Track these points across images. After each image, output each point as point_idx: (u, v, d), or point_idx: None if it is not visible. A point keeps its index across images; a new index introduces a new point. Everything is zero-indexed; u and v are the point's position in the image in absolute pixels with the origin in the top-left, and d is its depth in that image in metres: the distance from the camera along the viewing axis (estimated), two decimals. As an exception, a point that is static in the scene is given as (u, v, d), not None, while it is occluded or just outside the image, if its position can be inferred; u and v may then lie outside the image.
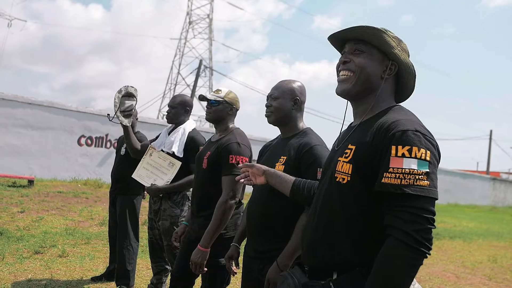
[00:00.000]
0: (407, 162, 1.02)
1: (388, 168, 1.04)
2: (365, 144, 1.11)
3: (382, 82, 1.20)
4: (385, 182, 1.03)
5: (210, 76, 31.44)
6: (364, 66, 1.19)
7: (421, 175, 1.01)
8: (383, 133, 1.08)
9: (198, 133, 2.84)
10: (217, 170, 2.13)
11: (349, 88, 1.21)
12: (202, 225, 2.12)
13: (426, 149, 1.04)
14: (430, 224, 1.00)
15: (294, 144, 1.69)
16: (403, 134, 1.05)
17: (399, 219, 1.00)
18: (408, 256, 0.98)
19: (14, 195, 6.68)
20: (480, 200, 20.21)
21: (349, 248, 1.10)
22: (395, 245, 0.99)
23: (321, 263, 1.16)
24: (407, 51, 1.24)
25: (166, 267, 2.95)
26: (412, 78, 1.23)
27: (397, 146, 1.04)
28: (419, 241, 0.97)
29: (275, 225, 1.64)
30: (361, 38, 1.21)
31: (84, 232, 5.00)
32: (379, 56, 1.20)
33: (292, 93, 1.76)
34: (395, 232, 1.00)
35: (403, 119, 1.09)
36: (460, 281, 4.78)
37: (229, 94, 2.26)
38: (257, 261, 1.68)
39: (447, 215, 12.46)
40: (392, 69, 1.20)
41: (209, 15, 33.47)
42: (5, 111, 8.62)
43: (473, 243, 7.63)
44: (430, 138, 1.08)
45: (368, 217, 1.09)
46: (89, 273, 3.58)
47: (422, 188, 1.01)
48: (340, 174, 1.13)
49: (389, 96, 1.23)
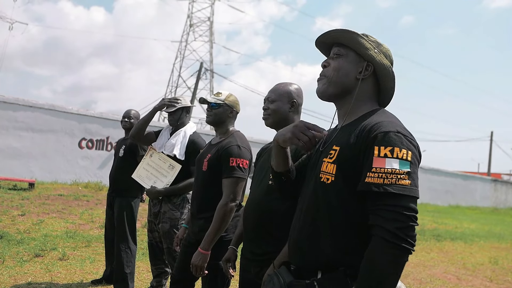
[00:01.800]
0: (389, 162, 1.06)
1: (371, 168, 1.07)
2: (349, 145, 1.14)
3: (358, 83, 1.23)
4: (368, 182, 1.06)
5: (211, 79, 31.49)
6: (338, 68, 1.25)
7: (402, 174, 1.04)
8: (366, 135, 1.11)
9: (199, 136, 2.85)
10: (217, 172, 2.13)
11: (323, 89, 1.27)
12: (202, 227, 2.12)
13: (407, 150, 1.07)
14: (412, 222, 1.02)
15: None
16: (385, 135, 1.08)
17: (381, 217, 1.03)
18: (392, 253, 1.00)
19: (15, 198, 6.69)
20: (481, 202, 20.16)
21: (333, 248, 1.12)
22: (379, 243, 1.01)
23: (306, 262, 1.18)
24: (387, 54, 1.27)
25: (166, 269, 2.95)
26: (389, 79, 1.25)
27: (380, 146, 1.07)
28: (401, 238, 1.00)
29: (272, 228, 1.64)
30: (338, 41, 1.26)
31: (85, 235, 5.00)
32: (355, 58, 1.24)
33: (289, 96, 1.77)
34: (378, 230, 1.02)
35: (385, 121, 1.13)
36: (461, 282, 4.77)
37: (230, 97, 2.27)
38: (254, 264, 1.68)
39: (449, 216, 12.43)
40: (368, 70, 1.24)
41: (210, 17, 33.55)
42: (6, 114, 8.64)
43: (474, 244, 7.62)
44: (411, 139, 1.11)
45: (351, 217, 1.12)
46: (89, 276, 3.58)
47: (404, 187, 1.04)
48: (325, 174, 1.17)
49: (369, 98, 1.26)
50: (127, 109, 3.58)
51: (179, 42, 33.33)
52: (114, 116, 9.87)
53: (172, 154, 2.74)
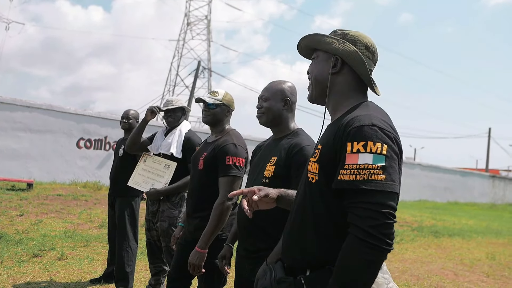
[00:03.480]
0: (362, 157, 1.02)
1: (344, 165, 1.04)
2: (329, 144, 1.13)
3: (329, 78, 1.23)
4: (341, 179, 1.04)
5: (209, 77, 31.48)
6: (312, 70, 1.28)
7: (376, 169, 1.01)
8: (342, 131, 1.09)
9: (195, 133, 2.87)
10: (213, 171, 2.14)
11: (310, 94, 1.30)
12: (198, 226, 2.13)
13: (382, 143, 1.03)
14: (388, 219, 0.99)
15: (285, 144, 1.71)
16: (358, 130, 1.05)
17: (356, 215, 1.00)
18: (365, 252, 0.97)
19: (13, 198, 6.69)
20: (479, 198, 20.22)
21: (319, 247, 1.12)
22: (352, 241, 0.99)
23: (295, 261, 1.18)
24: (354, 39, 1.22)
25: (164, 268, 2.97)
26: (360, 63, 1.19)
27: (353, 142, 1.04)
28: (376, 237, 0.97)
29: (264, 225, 1.66)
30: (309, 48, 1.30)
31: (83, 235, 5.01)
32: (325, 57, 1.25)
33: (283, 94, 1.78)
34: (353, 229, 1.00)
35: (362, 115, 1.09)
36: (459, 278, 4.80)
37: (226, 96, 2.27)
38: (247, 261, 1.70)
39: (447, 213, 12.47)
40: (337, 63, 1.22)
41: (207, 16, 33.50)
42: (4, 114, 8.63)
43: (472, 240, 7.65)
44: (388, 131, 1.06)
45: (334, 216, 1.10)
46: (88, 275, 3.60)
47: (377, 182, 1.00)
48: (311, 174, 1.16)
49: (351, 91, 1.22)
50: (126, 109, 3.58)
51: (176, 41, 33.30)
52: (112, 115, 9.86)
53: (169, 152, 2.75)
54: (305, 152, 1.65)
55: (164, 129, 2.96)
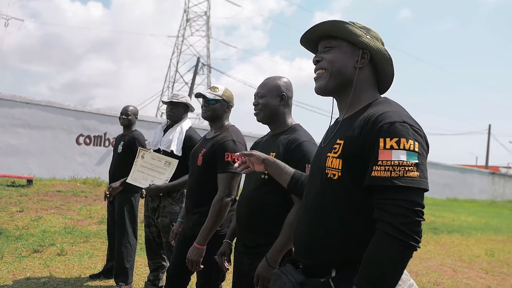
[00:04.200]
0: (396, 154, 1.01)
1: (377, 161, 1.03)
2: (353, 138, 1.10)
3: (356, 72, 1.19)
4: (375, 176, 1.02)
5: (208, 74, 31.43)
6: (335, 60, 1.20)
7: (410, 166, 1.00)
8: (370, 126, 1.07)
9: (196, 131, 2.86)
10: (212, 167, 2.14)
11: (324, 84, 1.22)
12: (197, 222, 2.13)
13: (414, 140, 1.03)
14: (418, 217, 0.99)
15: (282, 140, 1.71)
16: (390, 126, 1.04)
17: (387, 212, 0.99)
18: (396, 248, 0.97)
19: (13, 194, 6.70)
20: (479, 195, 20.24)
21: (345, 245, 1.09)
22: (383, 238, 0.99)
23: (317, 261, 1.14)
24: (378, 38, 1.23)
25: (163, 263, 2.98)
26: (387, 62, 1.20)
27: (385, 138, 1.03)
28: (407, 234, 0.97)
29: (264, 221, 1.66)
30: (328, 34, 1.21)
31: (83, 231, 5.02)
32: (349, 48, 1.20)
33: (278, 90, 1.78)
34: (383, 225, 0.99)
35: (390, 111, 1.08)
36: (457, 274, 4.81)
37: (226, 92, 2.27)
38: (247, 257, 1.71)
39: (446, 209, 12.49)
40: (365, 58, 1.19)
41: (206, 12, 33.39)
42: (3, 111, 8.61)
43: (471, 237, 7.67)
44: (418, 129, 1.07)
45: (361, 211, 1.08)
46: (87, 271, 3.60)
47: (412, 179, 1.00)
48: (331, 170, 1.12)
49: (370, 88, 1.22)
50: (125, 105, 3.57)
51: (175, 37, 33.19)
52: (111, 112, 9.85)
53: (169, 150, 2.75)
54: (303, 147, 1.65)
55: (163, 124, 2.95)
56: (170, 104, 2.85)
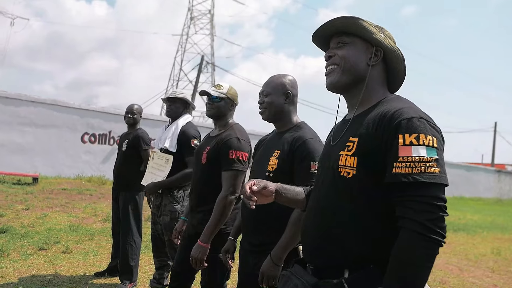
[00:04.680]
0: (416, 149, 1.00)
1: (398, 158, 1.01)
2: (369, 135, 1.08)
3: (369, 70, 1.18)
4: (396, 172, 1.00)
5: (212, 72, 31.44)
6: (348, 56, 1.18)
7: (431, 162, 0.99)
8: (387, 123, 1.05)
9: (192, 126, 2.85)
10: (216, 165, 2.13)
11: (336, 80, 1.20)
12: (201, 220, 2.13)
13: (432, 136, 1.02)
14: (442, 212, 0.98)
15: (288, 138, 1.70)
16: (408, 122, 1.03)
17: (411, 209, 0.97)
18: (424, 246, 0.95)
19: (19, 192, 6.74)
20: (485, 193, 20.10)
21: (361, 244, 1.07)
22: (410, 236, 0.96)
23: (330, 261, 1.11)
24: (391, 37, 1.22)
25: (168, 262, 2.98)
26: (400, 61, 1.20)
27: (404, 134, 1.02)
28: (433, 230, 0.95)
29: (268, 218, 1.65)
30: (341, 30, 1.20)
31: (88, 229, 5.04)
32: (362, 45, 1.19)
33: (283, 88, 1.76)
34: (408, 223, 0.97)
35: (406, 107, 1.07)
36: (463, 273, 4.78)
37: (231, 90, 2.26)
38: (251, 255, 1.70)
39: (452, 208, 12.34)
40: (378, 55, 1.19)
41: (210, 10, 33.38)
42: (9, 109, 8.67)
43: (477, 235, 7.61)
44: (434, 124, 1.06)
45: (377, 210, 1.06)
46: (92, 268, 3.62)
47: (434, 175, 0.99)
48: (345, 168, 1.10)
49: (380, 85, 1.21)
50: (130, 104, 3.57)
51: (180, 36, 33.23)
52: (116, 110, 9.88)
53: (164, 146, 2.77)
54: (308, 145, 1.63)
55: (168, 123, 2.96)
56: (168, 101, 2.86)
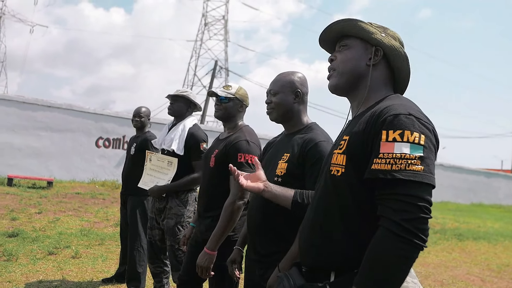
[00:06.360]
0: (399, 146, 0.96)
1: (378, 154, 0.98)
2: (358, 133, 1.06)
3: (369, 70, 1.16)
4: (375, 168, 0.97)
5: (226, 77, 31.55)
6: (346, 59, 1.18)
7: (414, 159, 0.95)
8: (375, 119, 1.03)
9: (199, 128, 2.75)
10: (225, 169, 2.02)
11: (335, 83, 1.20)
12: (209, 226, 2.04)
13: (420, 133, 0.97)
14: (423, 213, 0.92)
15: (298, 140, 1.58)
16: (394, 118, 0.99)
17: (389, 208, 0.94)
18: (399, 247, 0.90)
19: (33, 196, 6.80)
20: (505, 200, 19.48)
21: (348, 246, 1.04)
22: (384, 236, 0.92)
23: (318, 262, 1.09)
24: (396, 37, 1.20)
25: (165, 268, 2.86)
26: (402, 60, 1.17)
27: (388, 130, 0.98)
28: (410, 231, 0.90)
29: (276, 225, 1.55)
30: (341, 33, 1.20)
31: (99, 233, 5.02)
32: (362, 46, 1.18)
33: (292, 86, 1.65)
34: (386, 222, 0.93)
35: (396, 104, 1.04)
36: (486, 284, 4.55)
37: (240, 91, 2.18)
38: (258, 265, 1.59)
39: (471, 215, 12.03)
40: (378, 55, 1.17)
41: (224, 16, 33.62)
42: (26, 114, 8.82)
43: (499, 244, 7.31)
44: (425, 122, 1.01)
45: (365, 210, 1.02)
46: (100, 274, 3.56)
47: (415, 173, 0.93)
48: (335, 167, 1.08)
49: (383, 85, 1.18)
50: (137, 107, 3.53)
51: (194, 41, 33.53)
52: (129, 115, 9.94)
53: (170, 149, 2.66)
54: (320, 148, 1.51)
55: (169, 123, 2.86)
56: (170, 99, 2.78)
